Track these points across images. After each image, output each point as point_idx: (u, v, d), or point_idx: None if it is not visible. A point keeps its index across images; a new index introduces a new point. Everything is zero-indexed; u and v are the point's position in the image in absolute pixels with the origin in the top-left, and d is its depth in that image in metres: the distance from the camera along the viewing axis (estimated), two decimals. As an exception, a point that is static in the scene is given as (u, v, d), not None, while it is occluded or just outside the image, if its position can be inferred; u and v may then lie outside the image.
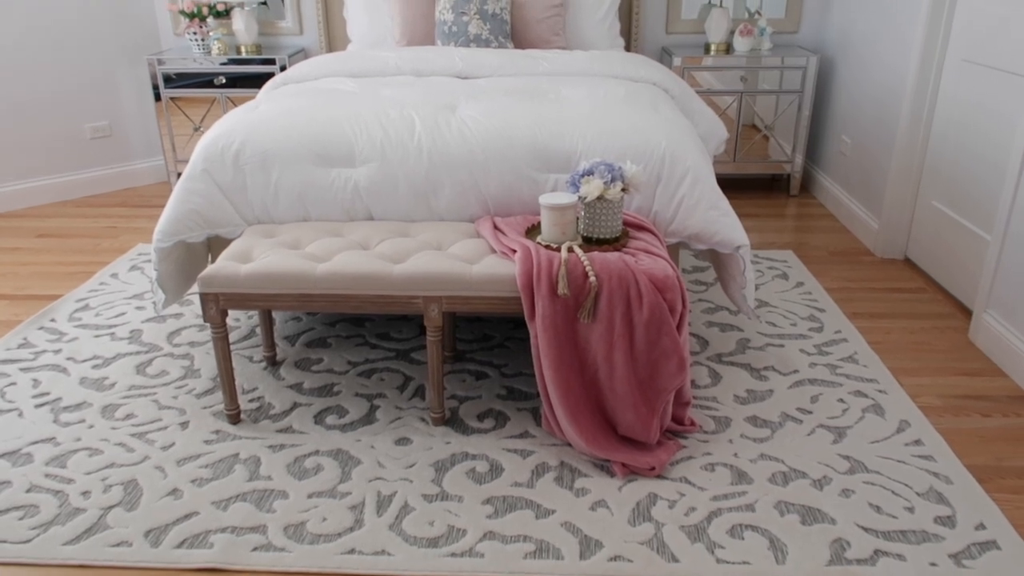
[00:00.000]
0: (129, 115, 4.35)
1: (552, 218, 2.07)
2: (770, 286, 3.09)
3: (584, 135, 2.37)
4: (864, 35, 3.69)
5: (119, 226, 3.81)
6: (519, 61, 3.20)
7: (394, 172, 2.34)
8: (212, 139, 2.39)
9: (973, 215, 2.85)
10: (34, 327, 2.78)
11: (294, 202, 2.39)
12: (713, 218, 2.31)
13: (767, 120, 4.12)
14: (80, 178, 4.24)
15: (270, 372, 2.49)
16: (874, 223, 3.48)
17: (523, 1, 3.74)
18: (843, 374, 2.46)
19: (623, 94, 2.76)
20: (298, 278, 2.04)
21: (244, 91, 4.09)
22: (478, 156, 2.33)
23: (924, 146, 3.19)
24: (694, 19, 4.30)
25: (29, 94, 3.99)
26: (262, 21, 4.34)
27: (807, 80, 4.00)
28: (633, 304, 1.96)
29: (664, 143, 2.34)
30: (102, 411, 2.28)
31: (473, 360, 2.55)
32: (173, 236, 2.31)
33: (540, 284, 1.96)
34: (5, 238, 3.67)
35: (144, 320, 2.83)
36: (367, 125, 2.40)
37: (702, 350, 2.61)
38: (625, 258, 2.01)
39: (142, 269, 3.27)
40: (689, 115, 3.07)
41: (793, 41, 4.33)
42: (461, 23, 3.61)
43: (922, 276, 3.20)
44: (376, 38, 3.91)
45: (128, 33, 4.25)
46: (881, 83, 3.48)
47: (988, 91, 2.76)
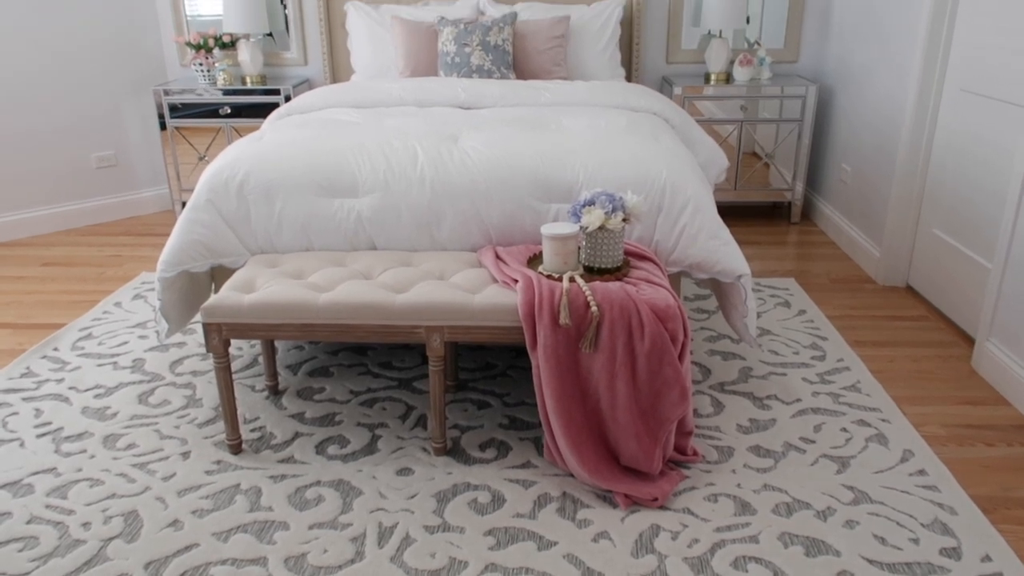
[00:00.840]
0: (135, 144, 4.40)
1: (554, 248, 2.08)
2: (772, 314, 3.09)
3: (585, 165, 2.39)
4: (862, 65, 3.73)
5: (123, 254, 3.83)
6: (521, 91, 3.24)
7: (397, 202, 2.36)
8: (216, 170, 2.41)
9: (974, 243, 2.86)
10: (37, 356, 2.78)
11: (297, 232, 2.40)
12: (714, 247, 2.32)
13: (767, 148, 4.15)
14: (85, 207, 4.27)
15: (272, 401, 2.49)
16: (875, 251, 3.49)
17: (525, 32, 3.79)
18: (846, 403, 2.45)
19: (624, 124, 2.79)
20: (301, 308, 2.04)
21: (249, 121, 4.13)
22: (480, 186, 2.35)
23: (924, 174, 3.21)
24: (694, 49, 4.35)
25: (37, 125, 4.04)
26: (267, 52, 4.40)
27: (807, 109, 4.03)
28: (635, 334, 1.96)
29: (665, 173, 2.36)
30: (103, 441, 2.28)
31: (475, 389, 2.55)
32: (177, 266, 2.33)
33: (542, 314, 1.97)
34: (10, 267, 3.69)
35: (147, 349, 2.84)
36: (370, 155, 2.42)
37: (704, 379, 2.61)
38: (627, 288, 2.02)
39: (145, 298, 3.28)
40: (690, 144, 3.10)
41: (792, 71, 4.37)
42: (464, 54, 3.66)
43: (924, 304, 3.20)
44: (380, 69, 3.96)
45: (135, 64, 4.31)
46: (880, 112, 3.51)
47: (986, 120, 2.78)
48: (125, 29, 4.23)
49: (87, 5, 4.06)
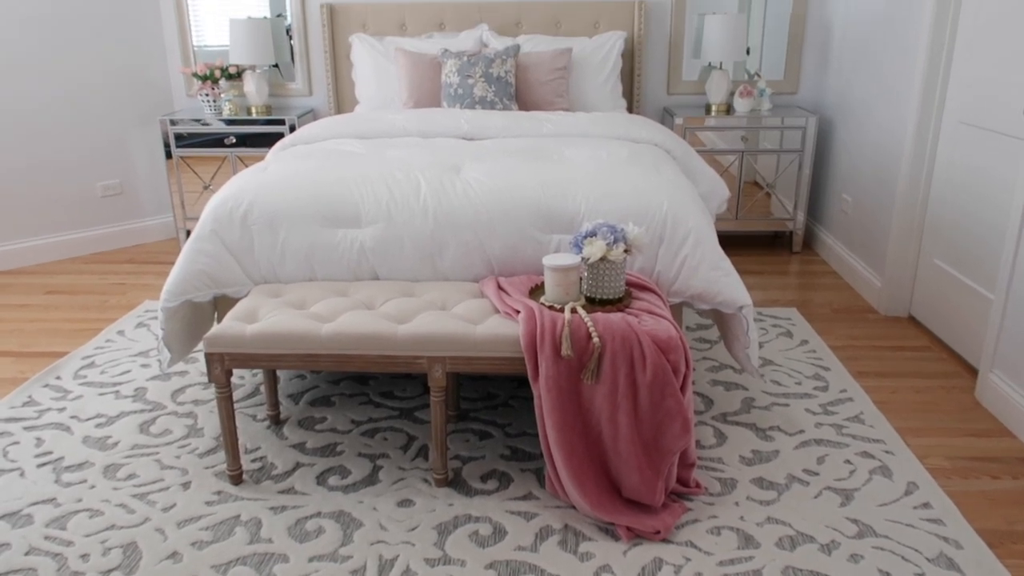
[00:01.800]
0: (140, 173, 4.43)
1: (555, 279, 2.09)
2: (774, 344, 3.09)
3: (587, 196, 2.40)
4: (860, 97, 3.76)
5: (127, 283, 3.85)
6: (523, 123, 3.27)
7: (399, 233, 2.37)
8: (221, 200, 2.43)
9: (975, 274, 2.87)
10: (39, 385, 2.78)
11: (301, 262, 2.41)
12: (715, 278, 2.33)
13: (768, 178, 4.17)
14: (90, 235, 4.30)
15: (273, 431, 2.49)
16: (877, 281, 3.49)
17: (527, 64, 3.84)
18: (849, 434, 2.44)
19: (625, 155, 2.81)
20: (303, 338, 2.05)
21: (254, 150, 4.17)
22: (482, 217, 2.36)
23: (924, 206, 3.22)
24: (695, 80, 4.40)
25: (45, 155, 4.08)
26: (273, 83, 4.45)
27: (807, 140, 4.06)
28: (636, 365, 1.96)
29: (666, 204, 2.38)
30: (104, 471, 2.27)
31: (477, 419, 2.55)
32: (180, 296, 2.34)
33: (544, 345, 1.97)
34: (14, 295, 3.71)
35: (149, 378, 2.84)
36: (373, 186, 2.44)
37: (707, 409, 2.60)
38: (628, 319, 2.02)
39: (148, 326, 3.29)
40: (691, 175, 3.12)
41: (792, 102, 4.41)
42: (467, 86, 3.70)
43: (927, 334, 3.20)
44: (384, 100, 4.00)
45: (142, 95, 4.36)
46: (879, 144, 3.54)
47: (985, 153, 2.80)
48: (133, 60, 4.29)
49: (96, 38, 4.12)
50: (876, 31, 3.60)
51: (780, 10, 4.27)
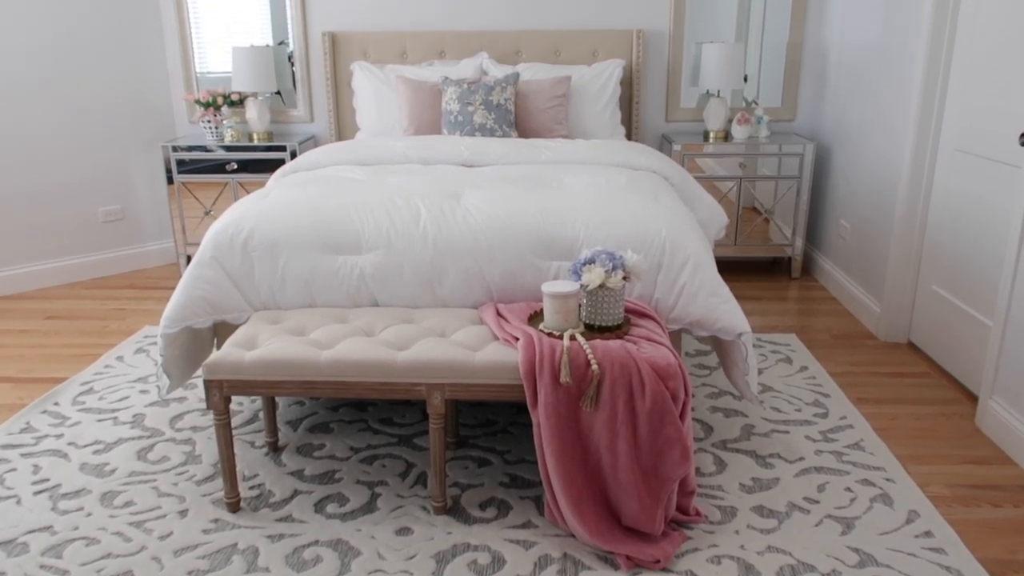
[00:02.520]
0: (142, 199, 4.46)
1: (554, 306, 2.10)
2: (774, 370, 3.09)
3: (586, 223, 2.42)
4: (857, 125, 3.80)
5: (127, 308, 3.85)
6: (523, 150, 3.30)
7: (399, 259, 2.38)
8: (222, 227, 2.44)
9: (974, 300, 2.87)
10: (37, 411, 2.78)
11: (300, 288, 2.42)
12: (714, 305, 2.33)
13: (767, 204, 4.20)
14: (91, 260, 4.31)
15: (271, 458, 2.48)
16: (876, 307, 3.50)
17: (527, 92, 3.87)
18: (850, 461, 2.43)
19: (624, 182, 2.83)
20: (302, 365, 2.05)
21: (255, 176, 4.19)
22: (482, 244, 2.38)
23: (922, 232, 3.24)
24: (693, 107, 4.43)
25: (47, 180, 4.10)
26: (274, 109, 4.49)
27: (804, 166, 4.09)
28: (636, 392, 1.96)
29: (665, 231, 2.39)
30: (101, 498, 2.26)
31: (476, 446, 2.54)
32: (180, 322, 2.34)
33: (542, 372, 1.97)
34: (14, 320, 3.71)
35: (147, 404, 2.83)
36: (374, 213, 2.46)
37: (706, 436, 2.59)
38: (627, 346, 2.02)
39: (147, 352, 3.29)
40: (689, 202, 3.14)
41: (790, 129, 4.45)
42: (467, 113, 3.73)
43: (926, 360, 3.20)
44: (384, 126, 4.04)
45: (145, 121, 4.40)
46: (876, 171, 3.56)
47: (981, 180, 2.82)
48: (136, 87, 4.33)
49: (100, 65, 4.17)
50: (871, 59, 3.64)
51: (777, 38, 4.32)
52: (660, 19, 4.29)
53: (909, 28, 3.25)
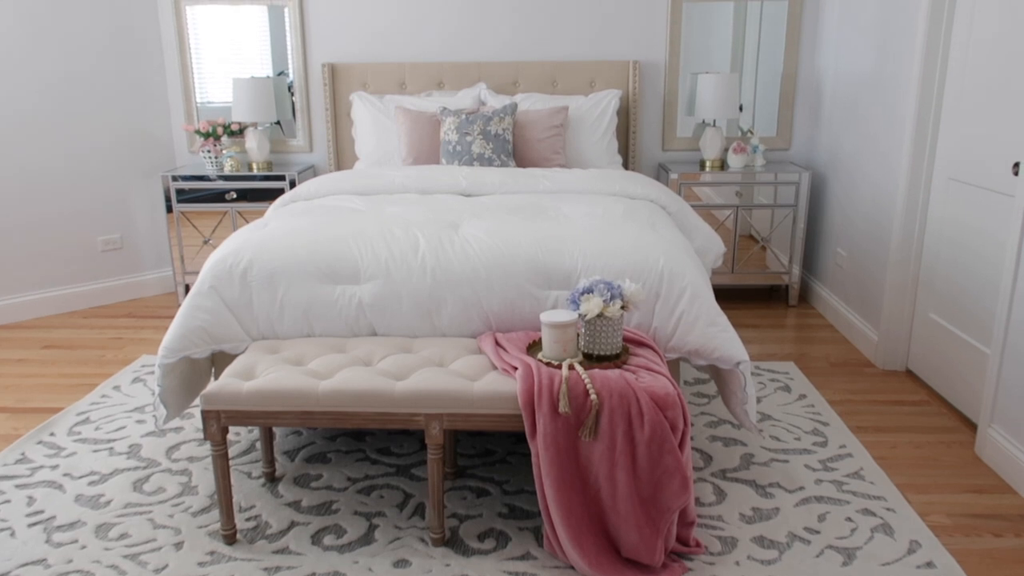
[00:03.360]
0: (141, 228, 4.47)
1: (553, 335, 2.10)
2: (772, 399, 3.08)
3: (584, 252, 2.43)
4: (852, 154, 3.83)
5: (125, 337, 3.85)
6: (521, 179, 3.32)
7: (398, 289, 2.39)
8: (221, 257, 2.45)
9: (971, 328, 2.88)
10: (33, 441, 2.76)
11: (299, 318, 2.42)
12: (712, 334, 2.34)
13: (764, 232, 4.22)
14: (89, 289, 4.31)
15: (268, 489, 2.46)
16: (873, 335, 3.50)
17: (525, 122, 3.91)
18: (850, 491, 2.42)
19: (621, 211, 2.85)
20: (300, 396, 2.04)
21: (254, 205, 4.21)
22: (480, 274, 2.38)
23: (917, 260, 3.25)
24: (689, 137, 4.47)
25: (47, 209, 4.12)
26: (274, 139, 4.52)
27: (800, 195, 4.12)
28: (634, 422, 1.96)
29: (662, 260, 2.40)
30: (96, 530, 2.24)
31: (474, 476, 2.52)
32: (178, 352, 2.34)
33: (541, 402, 1.97)
34: (11, 349, 3.70)
35: (144, 434, 2.82)
36: (372, 243, 2.47)
37: (706, 465, 2.58)
38: (626, 375, 2.02)
39: (145, 381, 3.28)
40: (686, 231, 3.15)
41: (785, 158, 4.49)
42: (465, 143, 3.76)
43: (925, 388, 3.20)
44: (383, 156, 4.06)
45: (145, 151, 4.43)
46: (871, 199, 3.59)
47: (976, 209, 2.84)
48: (137, 118, 4.36)
49: (102, 97, 4.20)
50: (865, 89, 3.68)
51: (771, 69, 4.37)
52: (656, 50, 4.35)
53: (902, 58, 3.29)
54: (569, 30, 4.33)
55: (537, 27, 4.33)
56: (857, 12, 3.78)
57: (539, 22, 4.32)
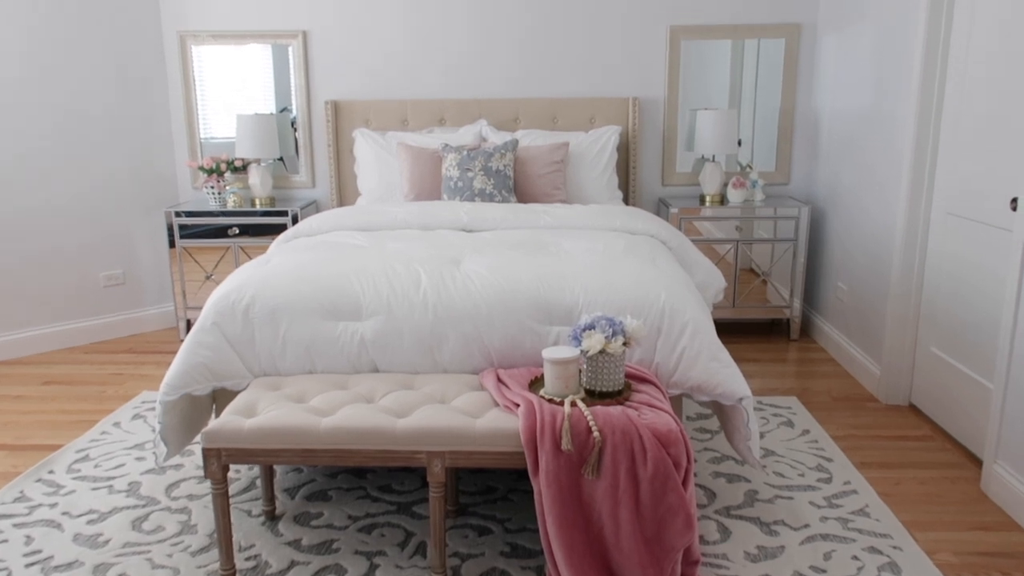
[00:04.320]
0: (143, 263, 4.49)
1: (555, 372, 2.10)
2: (776, 434, 3.06)
3: (585, 288, 2.43)
4: (850, 188, 3.86)
5: (125, 372, 3.84)
6: (522, 214, 3.34)
7: (400, 326, 2.39)
8: (223, 294, 2.46)
9: (973, 363, 2.87)
10: (31, 479, 2.74)
11: (301, 354, 2.42)
12: (714, 370, 2.33)
13: (764, 266, 4.23)
14: (90, 324, 4.32)
15: (268, 527, 2.44)
16: (875, 369, 3.50)
17: (526, 158, 3.94)
18: (855, 528, 2.39)
19: (622, 247, 2.86)
20: (302, 433, 2.04)
21: (256, 240, 4.23)
22: (482, 310, 2.39)
23: (918, 294, 3.26)
24: (688, 172, 4.51)
25: (50, 244, 4.14)
26: (277, 175, 4.55)
27: (800, 229, 4.14)
28: (637, 459, 1.95)
29: (663, 296, 2.40)
30: (94, 570, 2.21)
31: (476, 514, 2.50)
32: (180, 389, 2.33)
33: (544, 439, 1.96)
34: (11, 386, 3.69)
35: (143, 472, 2.80)
36: (374, 280, 2.48)
37: (710, 503, 2.56)
38: (628, 412, 2.02)
39: (145, 418, 3.26)
40: (687, 266, 3.16)
41: (785, 192, 4.52)
42: (467, 179, 3.79)
43: (928, 423, 3.18)
44: (385, 192, 4.09)
45: (149, 187, 4.46)
46: (871, 233, 3.60)
47: (975, 243, 2.86)
48: (141, 154, 4.41)
49: (108, 134, 4.25)
50: (862, 125, 3.72)
51: (769, 105, 4.42)
52: (655, 87, 4.40)
53: (898, 95, 3.33)
54: (569, 67, 4.39)
55: (537, 64, 4.39)
56: (853, 50, 3.84)
57: (539, 60, 4.38)
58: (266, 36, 4.39)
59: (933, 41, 3.06)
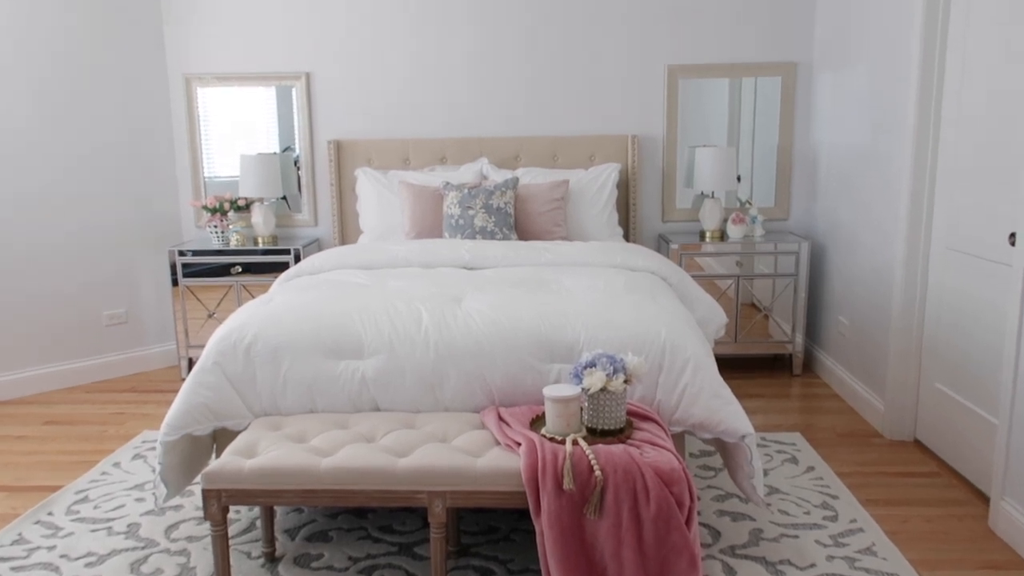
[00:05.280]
0: (146, 302, 4.51)
1: (556, 410, 2.09)
2: (780, 471, 3.04)
3: (586, 325, 2.44)
4: (848, 223, 3.88)
5: (126, 412, 3.83)
6: (523, 252, 3.35)
7: (401, 364, 2.39)
8: (225, 333, 2.46)
9: (977, 398, 2.86)
10: (30, 521, 2.72)
11: (302, 393, 2.42)
12: (716, 407, 2.32)
13: (765, 301, 4.24)
14: (92, 364, 4.32)
15: (268, 570, 2.41)
16: (879, 404, 3.48)
17: (526, 195, 3.97)
18: (863, 568, 2.36)
19: (623, 284, 2.87)
20: (302, 474, 2.03)
21: (259, 278, 4.25)
22: (484, 348, 2.39)
23: (920, 329, 3.25)
24: (688, 208, 4.54)
25: (53, 284, 4.16)
26: (279, 214, 4.59)
27: (800, 264, 4.15)
28: (640, 498, 1.93)
29: (664, 333, 2.41)
30: (91, 615, 2.19)
31: (478, 555, 2.47)
32: (181, 429, 2.33)
33: (545, 479, 1.95)
34: (11, 426, 3.68)
35: (143, 513, 2.78)
36: (376, 318, 2.48)
37: (714, 542, 2.53)
38: (630, 450, 2.01)
39: (145, 458, 3.25)
40: (687, 302, 3.17)
41: (784, 227, 4.54)
42: (468, 216, 3.82)
43: (934, 459, 3.16)
44: (386, 230, 4.12)
45: (152, 226, 4.50)
46: (871, 268, 3.61)
47: (975, 278, 2.86)
48: (146, 195, 4.45)
49: (115, 177, 4.29)
50: (859, 161, 3.75)
51: (767, 141, 4.47)
52: (654, 125, 4.45)
53: (894, 132, 3.37)
54: (569, 106, 4.44)
55: (537, 103, 4.45)
56: (848, 87, 3.89)
57: (539, 98, 4.44)
58: (270, 78, 4.46)
59: (927, 78, 3.10)
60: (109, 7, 4.19)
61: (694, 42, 4.37)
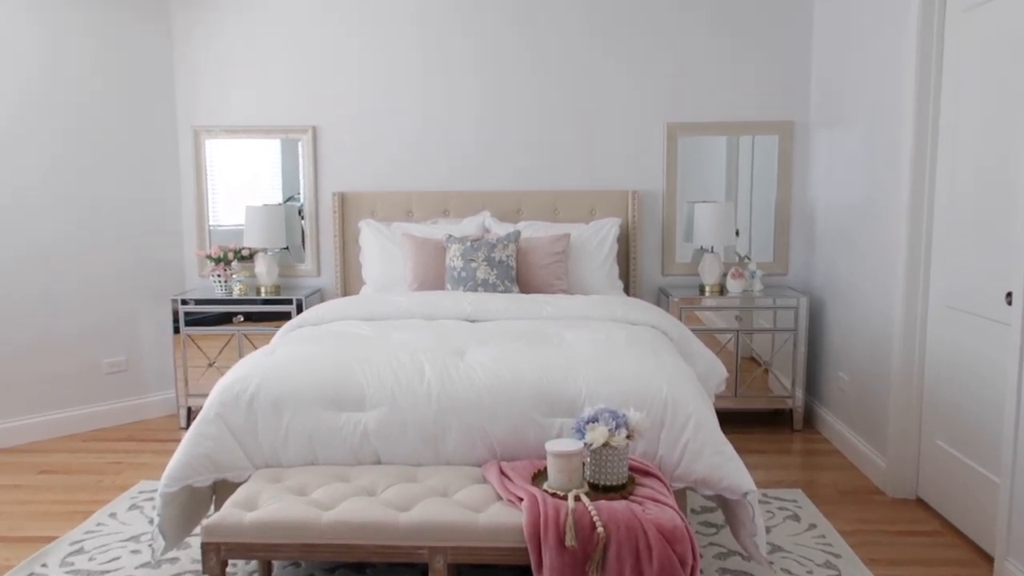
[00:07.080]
0: (147, 350, 4.51)
1: (558, 465, 2.09)
2: (782, 528, 3.01)
3: (588, 380, 2.45)
4: (847, 279, 3.92)
5: (124, 461, 3.80)
6: (524, 305, 3.38)
7: (403, 417, 2.40)
8: (228, 384, 2.47)
9: (979, 456, 2.85)
10: (24, 573, 2.69)
11: (303, 445, 2.42)
12: (718, 463, 2.32)
13: (765, 356, 4.25)
14: (90, 412, 4.30)
15: (264, 626, 2.38)
16: (881, 461, 3.46)
17: (528, 249, 4.02)
18: (867, 629, 2.33)
19: (624, 338, 2.89)
20: (302, 528, 2.02)
21: (261, 328, 4.26)
22: (485, 401, 2.40)
23: (920, 385, 3.26)
24: (688, 262, 4.58)
25: (55, 332, 4.17)
26: (283, 264, 4.62)
27: (799, 319, 4.17)
28: (642, 556, 1.92)
29: (666, 388, 2.42)
30: (83, 672, 2.15)
31: (477, 612, 2.44)
32: (181, 481, 2.32)
33: (547, 535, 1.94)
34: (7, 475, 3.65)
35: (138, 566, 2.74)
36: (378, 370, 2.50)
37: (717, 601, 2.50)
38: (632, 507, 2.00)
39: (142, 508, 3.22)
40: (688, 356, 3.18)
41: (783, 282, 4.58)
42: (470, 269, 3.86)
43: (937, 518, 3.13)
44: (389, 281, 4.15)
45: (156, 275, 4.53)
46: (870, 324, 3.64)
47: (973, 336, 2.88)
48: (151, 246, 4.49)
49: (119, 222, 4.34)
50: (856, 218, 3.81)
51: (765, 197, 4.54)
52: (654, 180, 4.53)
53: (889, 188, 3.43)
54: (570, 161, 4.52)
55: (539, 159, 4.53)
56: (844, 145, 3.97)
57: (541, 154, 4.53)
58: (277, 131, 4.55)
59: (921, 136, 3.17)
60: (122, 62, 4.30)
61: (693, 100, 4.47)
